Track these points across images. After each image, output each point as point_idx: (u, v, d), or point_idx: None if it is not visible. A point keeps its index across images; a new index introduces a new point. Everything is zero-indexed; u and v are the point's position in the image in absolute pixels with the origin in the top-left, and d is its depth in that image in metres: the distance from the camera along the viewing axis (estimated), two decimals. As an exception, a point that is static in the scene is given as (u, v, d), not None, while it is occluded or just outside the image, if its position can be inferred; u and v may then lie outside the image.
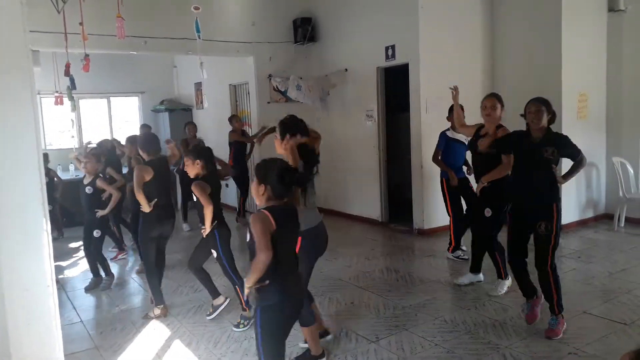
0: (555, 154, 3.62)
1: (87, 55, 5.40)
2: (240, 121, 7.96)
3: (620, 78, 6.80)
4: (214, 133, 8.82)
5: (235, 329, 3.99)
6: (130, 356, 3.66)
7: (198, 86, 9.94)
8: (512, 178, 3.91)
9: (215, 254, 4.09)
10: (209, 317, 4.23)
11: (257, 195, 2.54)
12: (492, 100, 4.39)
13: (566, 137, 3.80)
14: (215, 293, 4.29)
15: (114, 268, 5.74)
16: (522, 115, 3.79)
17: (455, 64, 6.77)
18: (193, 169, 4.01)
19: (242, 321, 4.02)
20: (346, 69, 7.63)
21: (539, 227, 3.60)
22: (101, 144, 6.57)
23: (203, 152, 4.13)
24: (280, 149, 3.26)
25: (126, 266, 6.10)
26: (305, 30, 7.95)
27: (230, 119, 7.79)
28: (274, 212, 2.45)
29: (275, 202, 2.51)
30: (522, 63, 6.77)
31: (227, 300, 4.28)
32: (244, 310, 4.05)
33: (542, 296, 3.77)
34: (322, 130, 8.59)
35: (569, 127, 6.47)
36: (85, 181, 5.13)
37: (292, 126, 3.33)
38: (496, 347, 3.49)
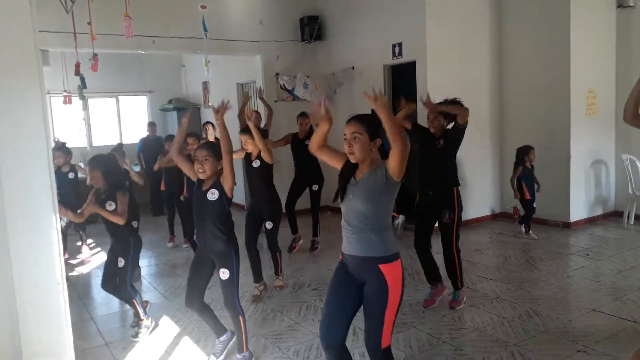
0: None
1: (95, 55, 5.44)
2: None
3: (630, 74, 6.74)
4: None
5: (134, 339, 3.87)
6: (140, 353, 3.69)
7: (206, 85, 9.96)
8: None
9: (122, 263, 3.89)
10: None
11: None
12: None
13: None
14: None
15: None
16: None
17: (462, 61, 6.75)
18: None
19: (137, 330, 3.91)
20: (353, 67, 7.62)
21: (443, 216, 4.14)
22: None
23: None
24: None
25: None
26: (312, 28, 7.95)
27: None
28: None
29: None
30: (530, 60, 6.74)
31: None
32: (141, 320, 3.94)
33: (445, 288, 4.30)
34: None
35: (578, 123, 6.46)
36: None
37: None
38: (504, 345, 3.48)
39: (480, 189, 7.15)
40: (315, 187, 6.02)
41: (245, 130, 4.59)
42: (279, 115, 7.94)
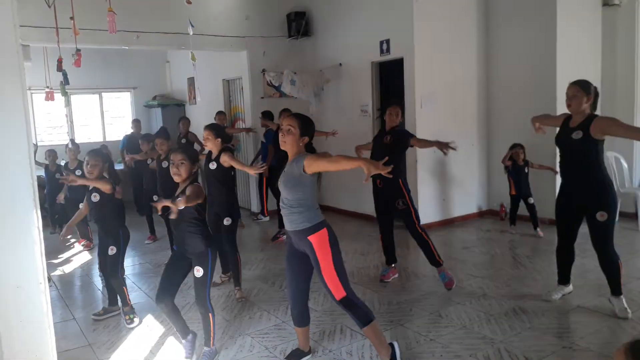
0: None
1: (78, 50, 5.35)
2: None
3: (615, 72, 6.82)
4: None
5: (129, 326, 4.06)
6: (124, 353, 3.64)
7: (191, 81, 9.88)
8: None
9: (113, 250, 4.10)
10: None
11: None
12: None
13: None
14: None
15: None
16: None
17: (450, 58, 6.77)
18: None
19: (130, 316, 4.12)
20: (340, 64, 7.60)
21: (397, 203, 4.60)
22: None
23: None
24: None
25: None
26: (299, 24, 7.90)
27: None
28: None
29: None
30: (517, 56, 6.78)
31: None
32: (127, 305, 4.14)
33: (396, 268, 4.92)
34: (317, 125, 8.59)
35: (563, 121, 6.49)
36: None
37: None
38: (491, 342, 3.49)
39: (467, 186, 7.19)
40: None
41: (208, 125, 4.49)
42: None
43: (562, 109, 6.45)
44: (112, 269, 4.10)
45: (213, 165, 4.45)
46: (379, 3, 6.84)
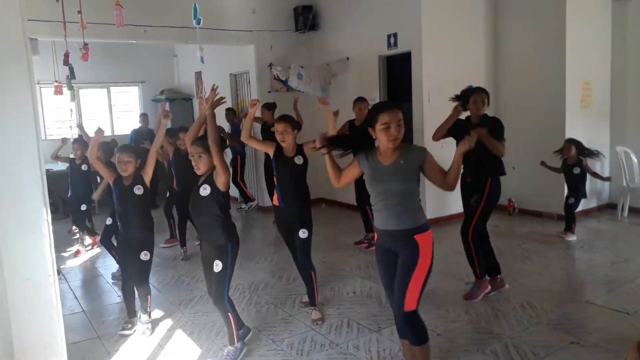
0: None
1: (86, 44, 5.36)
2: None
3: (625, 67, 6.75)
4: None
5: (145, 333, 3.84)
6: (132, 345, 3.66)
7: (198, 75, 9.88)
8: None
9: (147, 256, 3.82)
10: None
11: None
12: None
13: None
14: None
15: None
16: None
17: (457, 52, 6.72)
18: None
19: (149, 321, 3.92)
20: (348, 58, 7.57)
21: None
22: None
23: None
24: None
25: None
26: (306, 18, 7.87)
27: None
28: None
29: None
30: (526, 51, 6.72)
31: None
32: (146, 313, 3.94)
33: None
34: (323, 119, 8.56)
35: (573, 115, 6.45)
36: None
37: None
38: (499, 337, 3.48)
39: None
40: None
41: (282, 118, 3.88)
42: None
43: (571, 103, 6.43)
44: (143, 276, 3.85)
45: (300, 160, 3.83)
46: (387, -4, 6.81)
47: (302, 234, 3.84)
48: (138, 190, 3.74)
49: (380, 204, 2.69)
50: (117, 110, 10.65)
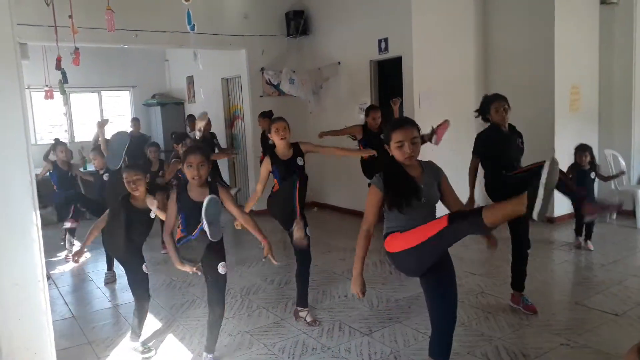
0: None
1: (77, 49, 5.34)
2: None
3: (612, 70, 6.83)
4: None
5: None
6: (123, 351, 3.65)
7: (190, 80, 9.88)
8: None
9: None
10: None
11: None
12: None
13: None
14: None
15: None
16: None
17: (448, 57, 6.77)
18: None
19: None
20: (339, 62, 7.60)
21: None
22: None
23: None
24: None
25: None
26: (297, 23, 7.91)
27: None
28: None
29: None
30: (515, 55, 6.78)
31: None
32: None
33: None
34: (315, 123, 8.61)
35: (561, 119, 6.51)
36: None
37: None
38: (489, 339, 3.50)
39: (465, 184, 7.15)
40: None
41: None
42: (264, 110, 7.90)
43: (560, 107, 6.50)
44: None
45: (301, 161, 3.91)
46: (377, 2, 6.84)
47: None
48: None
49: (410, 225, 2.54)
50: (108, 115, 10.60)
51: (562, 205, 6.65)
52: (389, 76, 7.10)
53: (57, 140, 6.29)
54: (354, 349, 3.46)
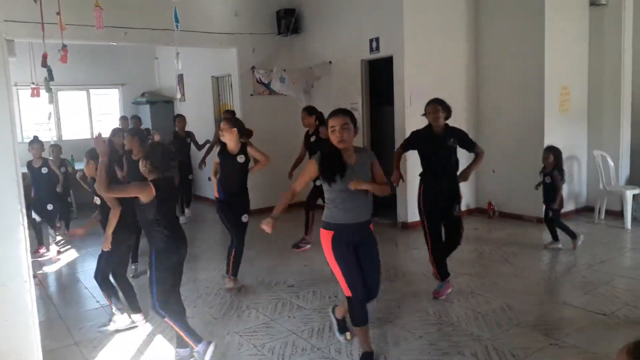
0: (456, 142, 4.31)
1: (64, 46, 5.28)
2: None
3: (602, 72, 6.88)
4: (196, 126, 8.72)
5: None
6: (111, 352, 3.61)
7: (180, 78, 9.80)
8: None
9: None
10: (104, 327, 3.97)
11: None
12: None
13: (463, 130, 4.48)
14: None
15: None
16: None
17: (439, 57, 6.78)
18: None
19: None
20: (330, 62, 7.58)
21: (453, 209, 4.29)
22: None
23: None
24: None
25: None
26: (288, 21, 7.87)
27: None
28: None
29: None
30: (506, 55, 6.82)
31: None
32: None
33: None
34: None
35: (551, 120, 6.56)
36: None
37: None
38: (478, 339, 3.51)
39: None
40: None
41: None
42: (253, 109, 7.87)
43: (550, 107, 6.54)
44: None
45: (242, 159, 4.57)
46: (369, 1, 6.84)
47: (244, 218, 4.62)
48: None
49: (340, 199, 3.04)
50: (97, 113, 10.49)
51: (551, 205, 6.71)
52: (380, 76, 7.10)
53: (35, 137, 6.29)
54: (344, 350, 3.46)
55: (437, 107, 4.26)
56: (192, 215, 7.92)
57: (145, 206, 3.16)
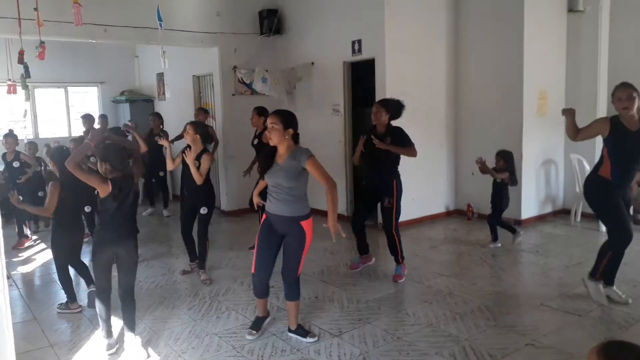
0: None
1: (42, 43, 5.19)
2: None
3: (578, 77, 7.01)
4: (176, 125, 8.65)
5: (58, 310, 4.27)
6: (87, 354, 3.55)
7: (160, 77, 9.71)
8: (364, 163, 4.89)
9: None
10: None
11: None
12: None
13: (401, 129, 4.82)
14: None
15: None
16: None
17: (420, 60, 6.84)
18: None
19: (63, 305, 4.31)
20: (313, 63, 7.58)
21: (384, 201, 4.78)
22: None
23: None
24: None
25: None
26: (271, 22, 7.85)
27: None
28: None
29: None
30: (486, 60, 6.90)
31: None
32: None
33: (372, 257, 5.25)
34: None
35: (529, 123, 6.66)
36: None
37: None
38: (456, 340, 3.54)
39: (435, 186, 7.28)
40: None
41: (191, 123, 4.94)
42: (234, 109, 7.83)
43: (528, 111, 6.63)
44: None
45: (196, 164, 4.82)
46: (351, 3, 6.85)
47: (203, 210, 4.91)
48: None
49: (270, 191, 3.49)
50: (75, 111, 10.33)
51: (528, 207, 6.81)
52: (362, 77, 7.12)
53: (10, 131, 6.43)
54: (324, 351, 3.46)
55: (380, 107, 4.72)
56: (172, 215, 7.93)
57: (101, 200, 3.41)
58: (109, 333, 3.57)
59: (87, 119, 7.42)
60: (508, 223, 5.95)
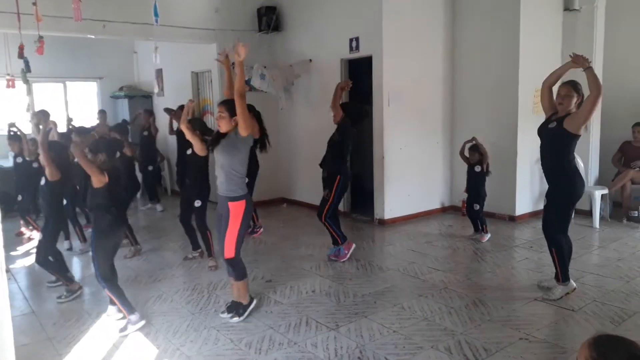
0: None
1: (41, 38, 5.21)
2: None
3: (573, 75, 7.02)
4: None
5: (58, 300, 4.41)
6: (85, 347, 3.59)
7: (159, 73, 9.72)
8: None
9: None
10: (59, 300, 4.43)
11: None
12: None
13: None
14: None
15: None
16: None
17: (417, 57, 6.87)
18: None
19: (65, 294, 4.47)
20: (310, 60, 7.61)
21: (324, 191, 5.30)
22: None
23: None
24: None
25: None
26: (269, 19, 7.87)
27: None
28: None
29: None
30: (482, 57, 6.93)
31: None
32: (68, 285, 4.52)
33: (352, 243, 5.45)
34: (286, 120, 8.62)
35: (525, 121, 6.70)
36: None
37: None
38: (452, 333, 3.59)
39: (430, 182, 7.32)
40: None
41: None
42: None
43: (524, 109, 6.68)
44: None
45: (190, 151, 5.09)
46: (349, 1, 6.88)
47: (197, 203, 5.14)
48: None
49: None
50: (73, 106, 10.33)
51: (522, 204, 6.87)
52: (359, 75, 7.15)
53: (14, 133, 6.39)
54: (321, 344, 3.50)
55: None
56: (165, 209, 8.19)
57: (96, 190, 3.71)
58: (131, 309, 3.86)
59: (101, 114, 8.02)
60: (483, 219, 6.01)
